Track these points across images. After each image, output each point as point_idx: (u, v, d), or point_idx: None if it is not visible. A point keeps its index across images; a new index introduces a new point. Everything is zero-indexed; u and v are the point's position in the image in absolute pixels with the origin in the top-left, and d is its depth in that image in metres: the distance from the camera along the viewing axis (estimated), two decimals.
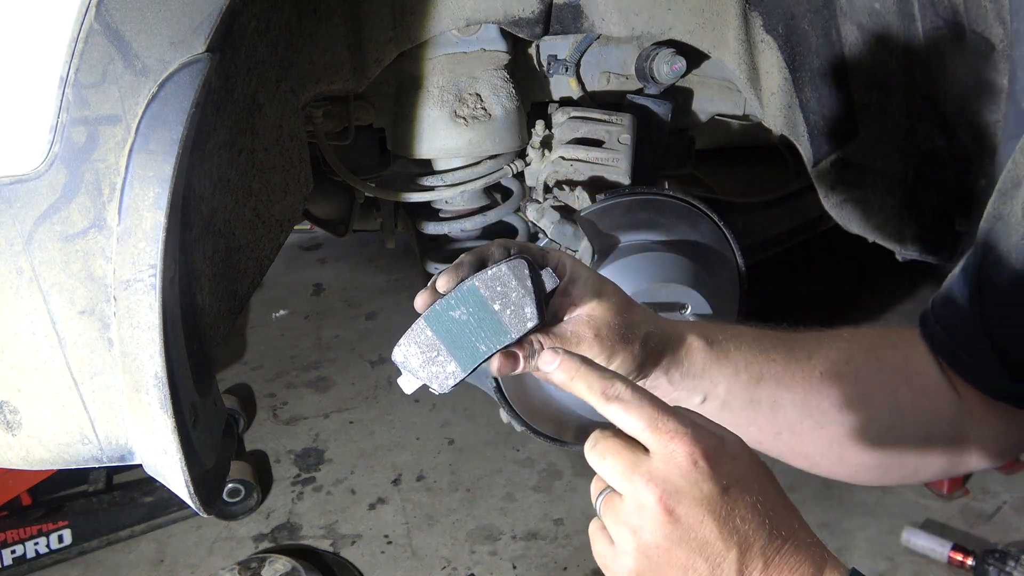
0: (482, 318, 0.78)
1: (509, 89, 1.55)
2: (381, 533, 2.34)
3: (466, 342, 0.78)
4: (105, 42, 0.91)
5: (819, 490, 2.44)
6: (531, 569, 2.19)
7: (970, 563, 2.10)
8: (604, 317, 0.86)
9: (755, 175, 2.30)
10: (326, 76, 1.40)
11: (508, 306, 0.79)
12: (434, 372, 0.80)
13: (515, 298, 0.79)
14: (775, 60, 1.53)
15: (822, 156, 1.59)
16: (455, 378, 0.80)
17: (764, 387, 0.92)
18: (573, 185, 1.57)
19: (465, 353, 0.79)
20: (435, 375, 0.80)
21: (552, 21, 1.50)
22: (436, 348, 0.79)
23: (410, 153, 1.57)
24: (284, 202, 1.38)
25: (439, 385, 0.80)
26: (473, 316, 0.78)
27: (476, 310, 0.78)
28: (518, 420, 1.64)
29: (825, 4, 1.49)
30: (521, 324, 0.79)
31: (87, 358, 0.98)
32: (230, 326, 1.32)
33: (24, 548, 2.19)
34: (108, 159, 0.93)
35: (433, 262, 1.68)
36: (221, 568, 2.14)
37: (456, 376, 0.80)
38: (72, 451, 1.03)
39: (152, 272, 0.94)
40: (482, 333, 0.78)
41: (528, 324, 0.79)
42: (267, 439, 2.77)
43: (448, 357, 0.79)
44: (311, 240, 4.25)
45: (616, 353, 0.85)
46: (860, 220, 1.66)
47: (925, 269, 1.79)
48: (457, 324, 0.79)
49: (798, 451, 0.97)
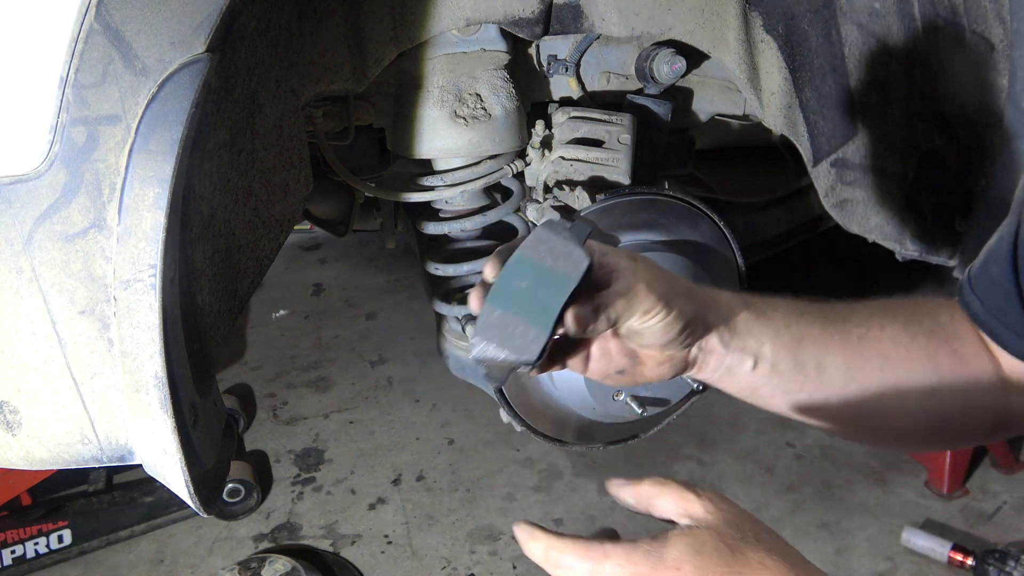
0: (539, 278, 0.79)
1: (509, 89, 1.55)
2: (381, 533, 2.34)
3: (535, 304, 0.79)
4: (105, 42, 0.91)
5: (819, 490, 2.44)
6: (531, 569, 2.18)
7: (970, 563, 2.10)
8: (646, 272, 0.86)
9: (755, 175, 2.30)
10: (326, 76, 1.40)
11: (558, 258, 0.79)
12: (517, 345, 0.79)
13: (560, 249, 0.80)
14: (775, 60, 1.53)
15: (822, 156, 1.59)
16: (539, 340, 0.79)
17: (806, 348, 0.92)
18: (573, 185, 1.57)
19: (539, 314, 0.79)
20: (519, 347, 0.79)
21: (552, 21, 1.50)
22: (510, 323, 0.79)
23: (410, 153, 1.57)
24: (284, 202, 1.38)
25: (528, 353, 0.79)
26: (531, 279, 0.79)
27: (532, 272, 0.79)
28: (518, 420, 1.64)
29: (825, 4, 1.49)
30: (576, 267, 0.79)
31: (87, 358, 0.98)
32: (230, 326, 1.32)
33: (24, 548, 2.19)
34: (108, 159, 0.93)
35: (433, 262, 1.68)
36: (221, 568, 2.14)
37: (540, 338, 0.79)
38: (72, 451, 1.03)
39: (152, 272, 0.94)
40: (546, 291, 0.79)
41: (582, 264, 0.80)
42: (267, 439, 2.77)
43: (525, 325, 0.79)
44: (311, 240, 4.26)
45: (671, 302, 0.84)
46: (860, 220, 1.66)
47: (925, 269, 1.79)
48: (520, 293, 0.79)
49: (843, 416, 0.96)
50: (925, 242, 1.65)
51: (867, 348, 0.93)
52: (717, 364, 0.92)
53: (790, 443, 2.64)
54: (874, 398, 0.94)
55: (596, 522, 2.33)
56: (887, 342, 0.94)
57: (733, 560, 0.65)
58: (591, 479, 2.50)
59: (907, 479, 2.46)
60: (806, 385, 0.93)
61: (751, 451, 2.61)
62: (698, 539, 0.67)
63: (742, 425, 2.71)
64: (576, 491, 2.47)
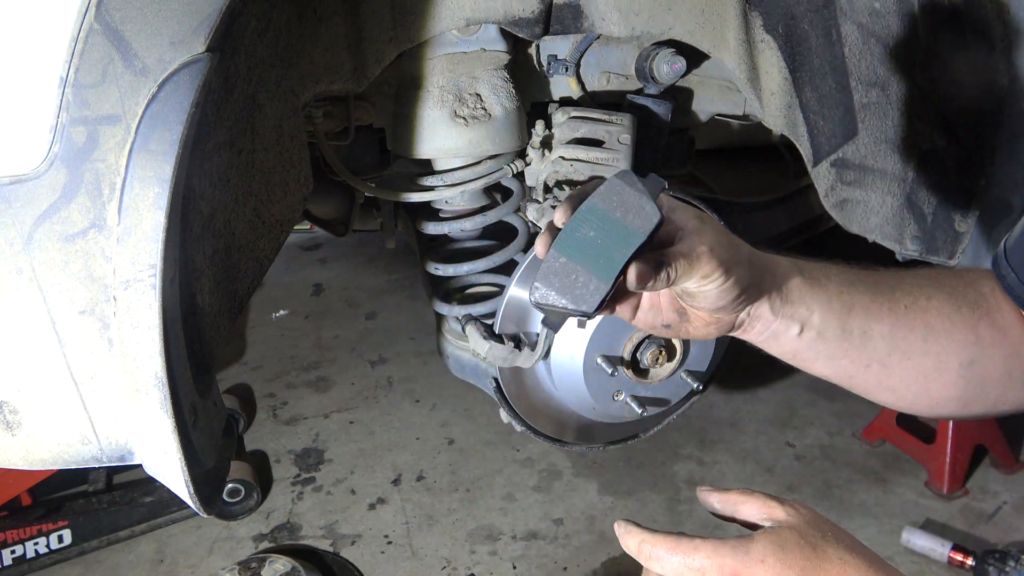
0: (608, 229, 0.79)
1: (509, 89, 1.55)
2: (381, 533, 2.34)
3: (600, 255, 0.79)
4: (105, 42, 0.91)
5: (819, 490, 2.44)
6: (531, 569, 2.19)
7: (970, 563, 2.10)
8: (712, 235, 0.86)
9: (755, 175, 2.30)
10: (326, 76, 1.40)
11: (629, 211, 0.79)
12: (577, 295, 0.79)
13: (633, 203, 0.80)
14: (775, 60, 1.53)
15: (822, 156, 1.59)
16: (600, 292, 0.79)
17: (854, 317, 0.94)
18: (573, 185, 1.57)
19: (603, 265, 0.79)
20: (579, 296, 0.79)
21: (552, 21, 1.50)
22: (573, 271, 0.79)
23: (410, 153, 1.57)
24: (284, 202, 1.38)
25: (586, 303, 0.80)
26: (599, 230, 0.79)
27: (601, 223, 0.79)
28: (518, 420, 1.64)
29: (825, 4, 1.49)
30: (646, 223, 0.79)
31: (87, 358, 0.98)
32: (230, 326, 1.32)
33: (24, 548, 2.19)
34: (108, 159, 0.93)
35: (433, 262, 1.68)
36: (221, 568, 2.14)
37: (600, 290, 0.79)
38: (72, 451, 1.03)
39: (152, 272, 0.94)
40: (613, 243, 0.78)
41: (653, 220, 0.80)
42: (267, 439, 2.77)
43: (587, 275, 0.79)
44: (311, 240, 4.26)
45: (731, 270, 0.85)
46: (860, 220, 1.66)
47: None
48: (587, 242, 0.79)
49: (885, 384, 0.99)
50: (925, 242, 1.65)
51: (913, 318, 0.95)
52: (764, 328, 0.93)
53: (790, 443, 2.64)
54: (914, 367, 0.96)
55: (596, 522, 2.33)
56: (933, 313, 0.95)
57: (815, 555, 0.70)
58: (591, 479, 2.50)
59: (907, 479, 2.46)
60: (849, 352, 0.95)
61: (751, 451, 2.61)
62: (781, 536, 0.72)
63: (742, 425, 2.71)
64: (576, 491, 2.47)
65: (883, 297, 0.95)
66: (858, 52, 1.52)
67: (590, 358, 1.49)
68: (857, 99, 1.55)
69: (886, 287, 0.96)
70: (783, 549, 0.70)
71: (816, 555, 0.70)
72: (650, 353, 1.53)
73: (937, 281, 0.99)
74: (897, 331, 0.95)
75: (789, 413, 2.77)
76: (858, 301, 0.94)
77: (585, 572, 2.18)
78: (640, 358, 1.53)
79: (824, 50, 1.52)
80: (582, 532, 2.30)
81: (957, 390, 0.98)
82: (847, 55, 1.52)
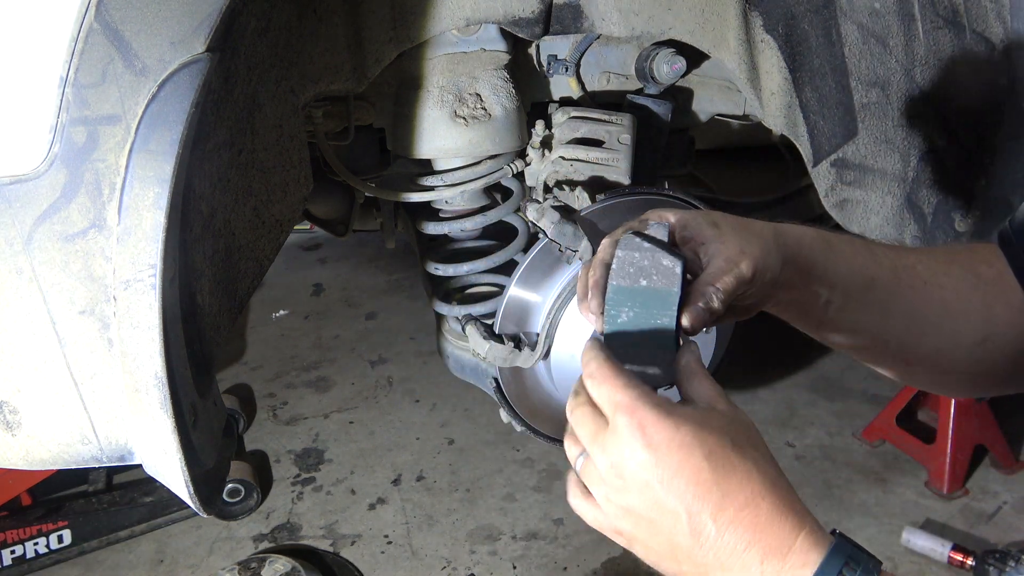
0: (644, 301, 0.78)
1: (509, 89, 1.55)
2: (381, 533, 2.34)
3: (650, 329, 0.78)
4: (105, 42, 0.91)
5: (819, 490, 2.44)
6: (531, 569, 2.19)
7: (970, 563, 2.10)
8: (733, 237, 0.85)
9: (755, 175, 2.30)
10: (326, 76, 1.40)
11: (651, 274, 0.79)
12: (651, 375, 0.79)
13: (649, 264, 0.79)
14: (775, 60, 1.53)
15: (822, 156, 1.59)
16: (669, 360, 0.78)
17: (876, 292, 0.94)
18: (573, 185, 1.57)
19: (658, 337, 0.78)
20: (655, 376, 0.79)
21: (552, 21, 1.50)
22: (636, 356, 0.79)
23: (410, 153, 1.57)
24: (284, 202, 1.38)
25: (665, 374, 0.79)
26: (636, 306, 0.78)
27: (632, 299, 0.78)
28: (518, 420, 1.64)
29: (825, 4, 1.49)
30: (671, 277, 0.79)
31: (87, 358, 0.98)
32: (230, 326, 1.32)
33: (24, 548, 2.19)
34: (108, 159, 0.93)
35: (433, 262, 1.68)
36: (221, 568, 2.14)
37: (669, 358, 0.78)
38: (72, 451, 1.03)
39: (152, 272, 0.94)
40: (655, 311, 0.78)
41: (676, 270, 0.79)
42: (267, 439, 2.77)
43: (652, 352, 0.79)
44: (311, 240, 4.26)
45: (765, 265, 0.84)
46: (860, 220, 1.66)
47: None
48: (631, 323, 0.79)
49: (900, 358, 1.00)
50: (925, 242, 1.65)
51: (931, 295, 0.96)
52: (787, 299, 0.93)
53: (790, 443, 2.64)
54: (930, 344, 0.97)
55: None
56: (950, 291, 0.96)
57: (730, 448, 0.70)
58: None
59: (907, 479, 2.46)
60: (869, 326, 0.96)
61: None
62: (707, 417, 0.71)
63: None
64: None
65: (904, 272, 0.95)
66: (858, 52, 1.52)
67: None
68: (857, 99, 1.55)
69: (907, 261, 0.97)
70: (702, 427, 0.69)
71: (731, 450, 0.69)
72: None
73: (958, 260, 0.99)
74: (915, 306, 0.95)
75: (789, 413, 2.77)
76: (879, 275, 0.94)
77: (585, 572, 2.18)
78: None
79: (824, 50, 1.52)
80: (582, 532, 2.30)
81: (970, 368, 0.98)
82: (847, 55, 1.52)
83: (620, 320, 0.78)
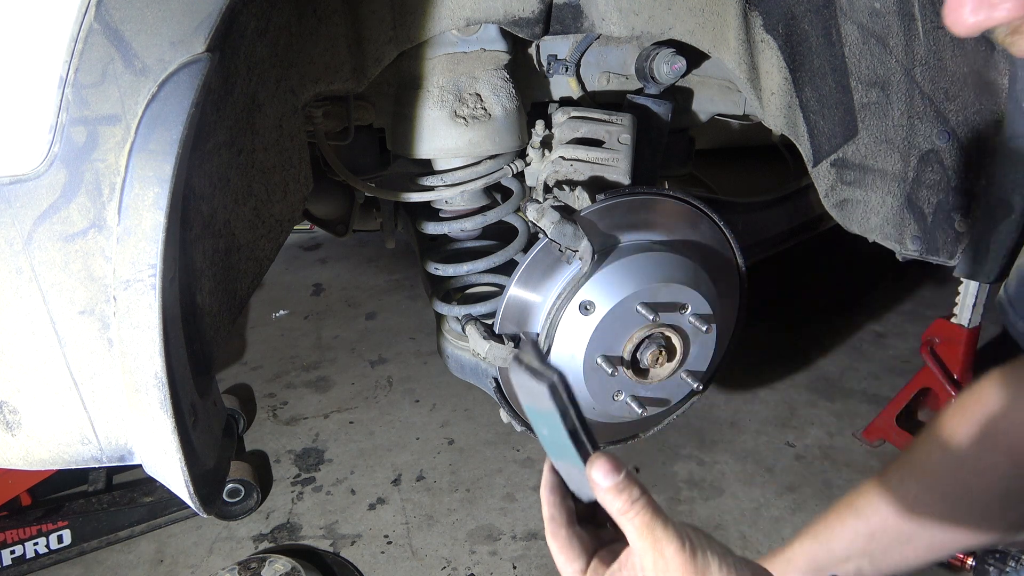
0: (546, 420, 0.78)
1: (509, 89, 1.55)
2: (381, 533, 2.34)
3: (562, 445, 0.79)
4: (105, 42, 0.91)
5: (819, 490, 2.44)
6: (531, 569, 2.19)
7: (970, 563, 2.10)
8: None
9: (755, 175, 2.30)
10: (326, 76, 1.40)
11: (536, 396, 0.77)
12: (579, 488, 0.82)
13: (532, 386, 0.77)
14: (775, 60, 1.53)
15: (822, 156, 1.59)
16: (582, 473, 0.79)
17: (890, 554, 1.07)
18: (573, 185, 1.57)
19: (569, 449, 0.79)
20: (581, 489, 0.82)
21: (552, 21, 1.50)
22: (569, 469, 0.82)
23: (410, 153, 1.57)
24: (284, 202, 1.38)
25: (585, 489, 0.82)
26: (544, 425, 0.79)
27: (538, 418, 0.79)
28: (518, 420, 1.64)
29: (825, 4, 1.49)
30: (543, 399, 0.77)
31: (87, 358, 0.98)
32: (230, 326, 1.32)
33: (24, 548, 2.19)
34: (108, 159, 0.93)
35: (433, 262, 1.68)
36: (221, 568, 2.14)
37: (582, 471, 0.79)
38: (72, 451, 1.03)
39: (152, 272, 0.94)
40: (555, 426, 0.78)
41: (545, 394, 0.76)
42: (267, 439, 2.77)
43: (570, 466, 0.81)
44: (311, 240, 4.26)
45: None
46: (860, 220, 1.66)
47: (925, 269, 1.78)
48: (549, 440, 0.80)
49: (966, 543, 1.10)
50: (925, 242, 1.65)
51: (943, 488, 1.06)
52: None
53: (790, 443, 2.64)
54: (949, 539, 1.07)
55: None
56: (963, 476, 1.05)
57: None
58: None
59: None
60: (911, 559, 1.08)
61: (751, 451, 2.61)
62: None
63: (742, 425, 2.71)
64: None
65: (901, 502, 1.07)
66: (858, 52, 1.52)
67: (590, 358, 1.49)
68: (857, 99, 1.55)
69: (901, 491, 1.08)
70: None
71: None
72: (650, 353, 1.53)
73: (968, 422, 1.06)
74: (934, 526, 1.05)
75: (789, 413, 2.77)
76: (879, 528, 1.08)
77: None
78: (640, 358, 1.53)
79: (824, 50, 1.52)
80: None
81: (999, 529, 1.06)
82: (847, 55, 1.52)
83: (544, 434, 0.80)
